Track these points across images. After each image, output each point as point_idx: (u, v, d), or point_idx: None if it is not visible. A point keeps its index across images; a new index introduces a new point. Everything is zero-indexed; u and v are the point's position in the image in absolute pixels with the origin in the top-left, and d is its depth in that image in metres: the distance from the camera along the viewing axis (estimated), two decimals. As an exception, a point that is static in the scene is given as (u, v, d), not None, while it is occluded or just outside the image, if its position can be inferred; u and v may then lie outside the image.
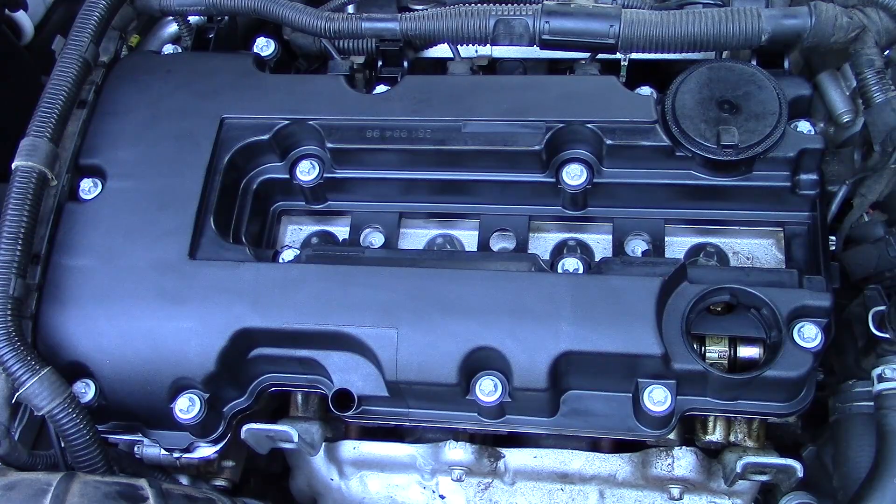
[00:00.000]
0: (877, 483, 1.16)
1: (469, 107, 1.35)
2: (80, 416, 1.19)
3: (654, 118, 1.30)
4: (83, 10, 1.44)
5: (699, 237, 1.41)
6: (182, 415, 1.23)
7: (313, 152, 1.42)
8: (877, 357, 1.26)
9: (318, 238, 1.49)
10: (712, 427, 1.30)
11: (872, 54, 1.29)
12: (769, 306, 1.17)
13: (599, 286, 1.20)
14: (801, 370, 1.14)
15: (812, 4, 1.31)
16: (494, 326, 1.19)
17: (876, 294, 1.28)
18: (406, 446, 1.43)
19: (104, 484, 1.08)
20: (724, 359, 1.22)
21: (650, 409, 1.17)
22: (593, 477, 1.40)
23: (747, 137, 1.25)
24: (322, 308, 1.23)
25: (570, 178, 1.34)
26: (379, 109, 1.38)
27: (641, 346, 1.16)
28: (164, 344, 1.25)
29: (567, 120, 1.32)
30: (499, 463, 1.40)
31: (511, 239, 1.41)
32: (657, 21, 1.33)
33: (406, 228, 1.47)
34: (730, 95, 1.29)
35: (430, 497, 1.46)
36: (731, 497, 1.39)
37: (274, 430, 1.31)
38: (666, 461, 1.35)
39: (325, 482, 1.49)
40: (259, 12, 1.47)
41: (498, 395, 1.19)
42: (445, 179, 1.39)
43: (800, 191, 1.31)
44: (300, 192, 1.44)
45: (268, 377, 1.31)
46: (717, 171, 1.31)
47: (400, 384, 1.21)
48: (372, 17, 1.43)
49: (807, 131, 1.31)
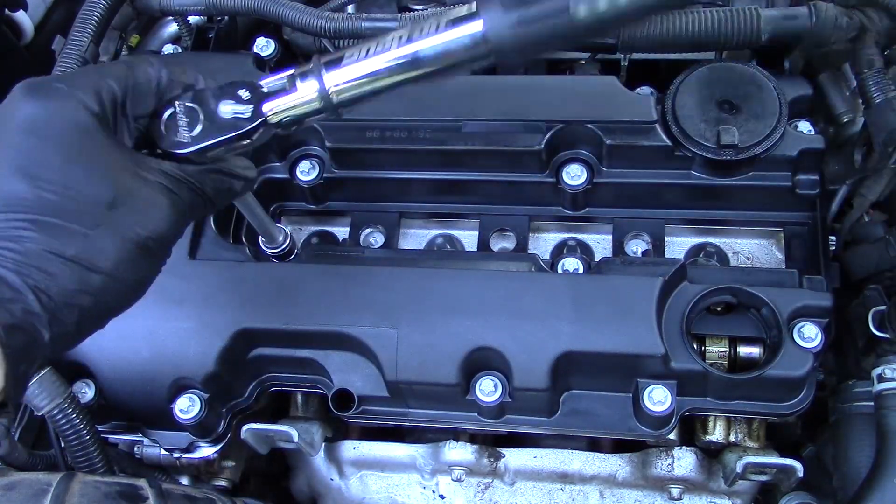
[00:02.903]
0: (877, 483, 1.15)
1: (469, 107, 1.35)
2: (80, 416, 1.19)
3: (654, 118, 1.30)
4: (83, 10, 1.44)
5: (699, 237, 1.41)
6: (182, 415, 1.23)
7: (313, 152, 1.42)
8: (877, 357, 1.26)
9: (318, 238, 1.49)
10: (712, 427, 1.30)
11: (872, 54, 1.29)
12: (769, 306, 1.17)
13: (599, 286, 1.20)
14: (801, 370, 1.14)
15: (812, 5, 1.31)
16: (494, 326, 1.19)
17: (876, 294, 1.28)
18: (406, 446, 1.43)
19: (104, 484, 1.08)
20: (724, 359, 1.22)
21: (650, 409, 1.17)
22: (593, 477, 1.40)
23: (747, 137, 1.26)
24: (322, 308, 1.23)
25: (570, 178, 1.34)
26: (379, 109, 1.37)
27: (642, 346, 1.16)
28: (164, 344, 1.24)
29: (567, 120, 1.32)
30: (499, 463, 1.40)
31: (511, 239, 1.41)
32: (657, 21, 1.32)
33: (406, 228, 1.47)
34: (730, 95, 1.29)
35: (430, 497, 1.46)
36: (731, 497, 1.38)
37: (274, 430, 1.31)
38: (666, 461, 1.35)
39: (325, 482, 1.49)
40: (259, 12, 1.47)
41: (498, 395, 1.19)
42: (445, 179, 1.39)
43: (800, 191, 1.31)
44: (300, 192, 1.44)
45: (268, 377, 1.31)
46: (717, 172, 1.31)
47: (400, 384, 1.21)
48: (372, 17, 1.43)
49: (807, 131, 1.31)
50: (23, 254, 0.76)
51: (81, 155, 0.80)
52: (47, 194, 0.78)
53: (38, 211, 0.78)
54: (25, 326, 0.75)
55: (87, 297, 0.79)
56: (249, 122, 0.88)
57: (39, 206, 0.78)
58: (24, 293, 0.75)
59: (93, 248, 0.79)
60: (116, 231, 0.80)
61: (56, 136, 0.80)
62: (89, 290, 0.79)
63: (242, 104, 0.88)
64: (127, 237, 0.81)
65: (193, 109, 0.88)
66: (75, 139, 0.80)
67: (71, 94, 0.82)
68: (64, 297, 0.78)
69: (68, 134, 0.80)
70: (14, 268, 0.76)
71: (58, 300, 0.77)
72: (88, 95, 0.82)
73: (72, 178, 0.79)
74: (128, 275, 0.82)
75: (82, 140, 0.81)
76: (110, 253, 0.80)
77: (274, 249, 1.24)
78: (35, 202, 0.78)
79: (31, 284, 0.76)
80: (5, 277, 0.75)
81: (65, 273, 0.78)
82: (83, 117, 0.81)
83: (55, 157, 0.79)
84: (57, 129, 0.80)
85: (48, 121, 0.80)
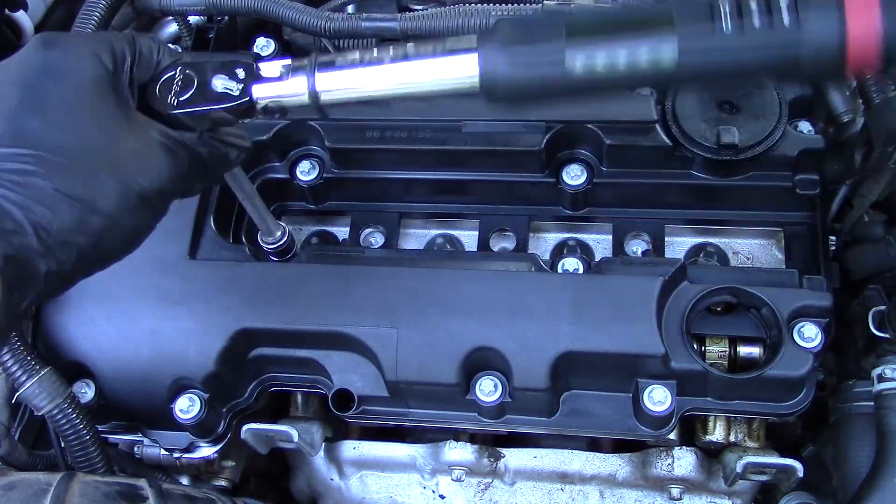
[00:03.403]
0: (877, 483, 1.15)
1: (469, 107, 1.35)
2: (80, 417, 1.18)
3: (654, 118, 1.30)
4: (83, 10, 1.44)
5: (699, 237, 1.41)
6: (182, 415, 1.23)
7: (313, 152, 1.42)
8: (877, 357, 1.26)
9: (318, 238, 1.49)
10: (712, 427, 1.30)
11: (872, 54, 1.29)
12: (769, 306, 1.17)
13: (599, 286, 1.20)
14: (801, 370, 1.14)
15: (812, 4, 1.31)
16: (494, 326, 1.19)
17: (876, 294, 1.28)
18: (406, 446, 1.43)
19: (104, 484, 1.08)
20: (724, 359, 1.22)
21: (650, 409, 1.17)
22: (593, 477, 1.40)
23: (747, 137, 1.26)
24: (322, 308, 1.23)
25: (570, 178, 1.34)
26: (379, 109, 1.37)
27: (642, 346, 1.16)
28: (164, 344, 1.25)
29: (567, 120, 1.32)
30: (499, 463, 1.40)
31: (511, 239, 1.41)
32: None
33: (406, 228, 1.47)
34: (730, 95, 1.29)
35: (430, 497, 1.46)
36: (731, 497, 1.39)
37: (274, 430, 1.31)
38: (666, 461, 1.35)
39: (325, 482, 1.49)
40: (259, 12, 1.47)
41: (498, 395, 1.19)
42: (445, 179, 1.39)
43: (800, 191, 1.31)
44: (300, 192, 1.44)
45: (268, 377, 1.31)
46: (718, 172, 1.31)
47: (400, 384, 1.21)
48: (372, 17, 1.43)
49: (807, 131, 1.31)
50: (28, 188, 0.78)
51: (93, 102, 0.84)
52: (56, 133, 0.81)
53: (46, 149, 0.80)
54: (21, 258, 0.77)
55: (84, 237, 0.81)
56: (235, 100, 0.92)
57: (48, 144, 0.80)
58: (24, 226, 0.77)
59: (95, 190, 0.81)
60: (119, 177, 0.83)
61: (70, 81, 0.84)
62: (87, 232, 0.81)
63: (235, 81, 0.92)
64: (128, 184, 0.84)
65: (190, 77, 0.92)
66: (88, 86, 0.84)
67: (87, 45, 0.86)
68: (63, 235, 0.80)
69: (82, 81, 0.84)
70: (18, 200, 0.78)
71: (56, 237, 0.79)
72: (103, 50, 0.87)
73: (81, 121, 0.83)
74: (126, 221, 0.85)
75: (94, 88, 0.84)
76: (111, 197, 0.82)
77: (272, 245, 1.25)
78: (44, 140, 0.80)
79: (32, 219, 0.78)
80: (9, 210, 0.77)
81: (66, 211, 0.80)
82: (97, 68, 0.85)
83: (68, 99, 0.83)
84: (72, 74, 0.84)
85: (64, 66, 0.84)
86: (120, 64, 0.88)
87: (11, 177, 0.78)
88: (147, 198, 0.86)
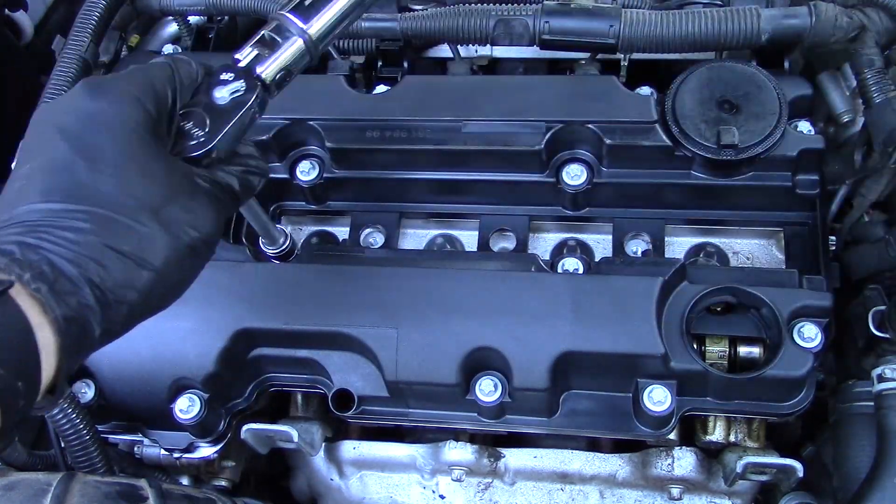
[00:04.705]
0: (877, 483, 1.15)
1: (469, 107, 1.35)
2: (80, 417, 1.19)
3: (654, 118, 1.30)
4: (83, 10, 1.44)
5: (699, 237, 1.41)
6: (182, 415, 1.23)
7: (313, 152, 1.42)
8: (877, 357, 1.26)
9: (318, 238, 1.49)
10: (712, 427, 1.30)
11: (872, 54, 1.29)
12: (769, 306, 1.17)
13: (599, 286, 1.20)
14: (801, 370, 1.14)
15: (812, 4, 1.31)
16: (494, 326, 1.19)
17: (876, 294, 1.28)
18: (406, 446, 1.43)
19: (104, 484, 1.08)
20: (724, 359, 1.22)
21: (650, 409, 1.17)
22: (593, 477, 1.40)
23: (747, 137, 1.26)
24: (322, 308, 1.23)
25: (570, 178, 1.34)
26: (379, 109, 1.37)
27: (642, 346, 1.16)
28: (163, 344, 1.24)
29: (567, 120, 1.32)
30: (499, 463, 1.40)
31: (511, 239, 1.41)
32: (657, 21, 1.33)
33: (406, 228, 1.47)
34: (730, 95, 1.29)
35: (430, 497, 1.46)
36: (731, 497, 1.38)
37: (274, 430, 1.31)
38: (666, 461, 1.35)
39: (325, 482, 1.49)
40: (259, 12, 1.47)
41: (498, 395, 1.19)
42: (445, 179, 1.39)
43: (800, 191, 1.31)
44: (300, 192, 1.44)
45: (268, 377, 1.31)
46: (717, 172, 1.31)
47: (400, 384, 1.21)
48: (372, 17, 1.43)
49: (807, 131, 1.31)
50: (81, 245, 0.77)
51: (139, 153, 0.82)
52: (107, 187, 0.79)
53: (96, 203, 0.79)
54: (80, 320, 0.76)
55: (135, 293, 0.80)
56: (251, 93, 0.90)
57: (98, 199, 0.79)
58: (80, 286, 0.76)
59: (146, 245, 0.80)
60: (168, 230, 0.82)
61: (118, 132, 0.82)
62: (137, 287, 0.80)
63: (233, 83, 0.90)
64: (179, 237, 0.82)
65: (193, 113, 0.90)
66: (134, 137, 0.82)
67: (131, 91, 0.84)
68: (115, 293, 0.78)
69: (128, 132, 0.82)
70: (73, 258, 0.76)
71: (110, 295, 0.78)
72: (147, 95, 0.85)
73: (130, 174, 0.81)
74: (174, 274, 0.83)
75: (141, 139, 0.83)
76: (161, 251, 0.81)
77: (274, 251, 1.25)
78: (95, 194, 0.79)
79: (87, 277, 0.76)
80: (63, 269, 0.75)
81: (118, 268, 0.78)
82: (142, 117, 0.83)
83: (116, 152, 0.81)
84: (118, 124, 0.82)
85: (110, 115, 0.82)
86: (163, 107, 0.86)
87: (66, 234, 0.76)
88: (196, 248, 0.84)
